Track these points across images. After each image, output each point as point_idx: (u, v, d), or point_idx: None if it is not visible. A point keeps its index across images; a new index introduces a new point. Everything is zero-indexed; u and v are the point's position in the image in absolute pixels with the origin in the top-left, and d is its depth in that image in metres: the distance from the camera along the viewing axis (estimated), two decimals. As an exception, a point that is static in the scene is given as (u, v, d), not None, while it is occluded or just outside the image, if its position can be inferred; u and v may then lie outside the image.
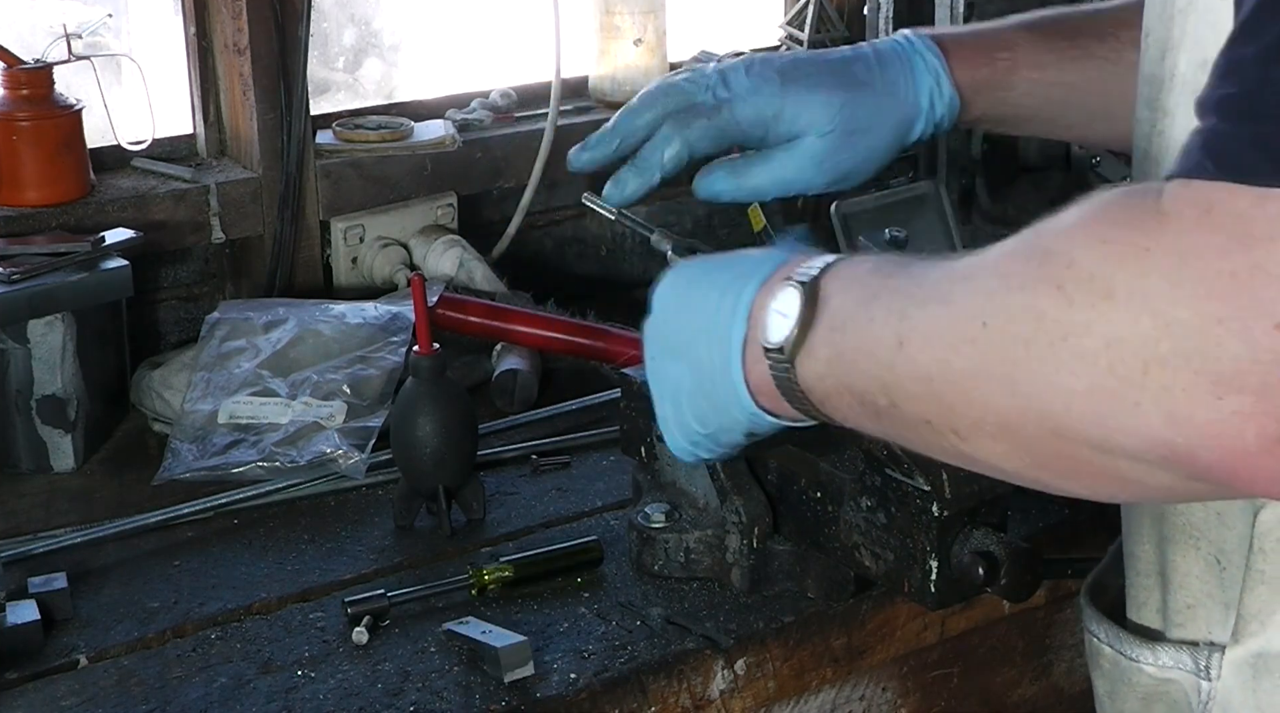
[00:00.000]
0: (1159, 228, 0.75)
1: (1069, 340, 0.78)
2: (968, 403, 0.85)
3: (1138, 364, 0.75)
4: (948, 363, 0.85)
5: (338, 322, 1.71)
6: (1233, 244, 0.72)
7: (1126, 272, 0.75)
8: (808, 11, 2.27)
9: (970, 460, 0.89)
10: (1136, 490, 0.83)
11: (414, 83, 2.24)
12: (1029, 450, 0.84)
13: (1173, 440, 0.75)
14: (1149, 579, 1.02)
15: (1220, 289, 0.72)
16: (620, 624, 1.29)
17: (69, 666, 1.25)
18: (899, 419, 0.91)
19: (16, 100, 1.73)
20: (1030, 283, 0.80)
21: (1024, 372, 0.80)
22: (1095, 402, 0.77)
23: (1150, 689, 1.01)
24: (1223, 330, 0.72)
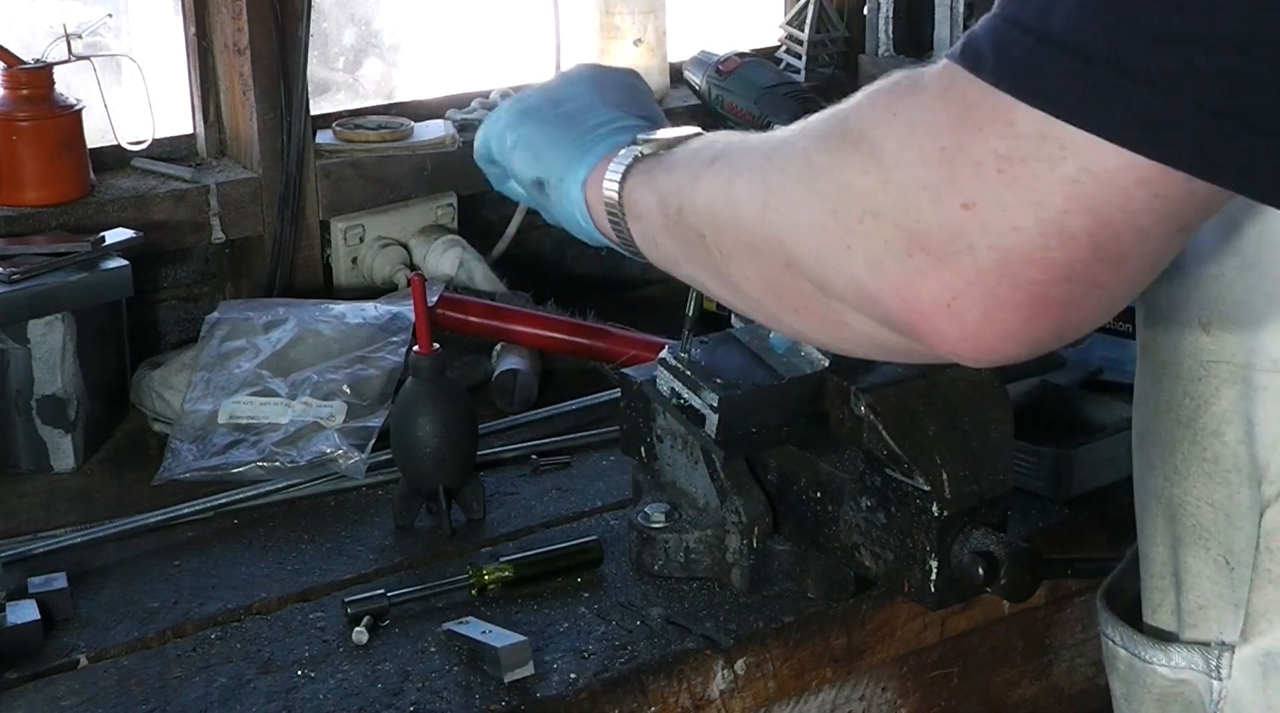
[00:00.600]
0: (910, 96, 0.81)
1: (814, 179, 0.85)
2: (733, 223, 0.93)
3: (856, 210, 0.82)
4: (730, 184, 0.93)
5: (338, 322, 1.71)
6: (951, 123, 0.78)
7: (875, 130, 0.82)
8: (808, 11, 2.27)
9: (729, 283, 0.96)
10: (849, 337, 0.89)
11: (414, 83, 2.24)
12: (769, 278, 0.91)
13: (868, 285, 0.82)
14: (1163, 581, 1.03)
15: (931, 160, 0.78)
16: (620, 624, 1.29)
17: (69, 666, 1.25)
18: (682, 228, 0.99)
19: (16, 100, 1.73)
20: (812, 131, 0.87)
21: (775, 199, 0.88)
22: (817, 238, 0.85)
23: (1165, 691, 1.02)
24: (924, 197, 0.79)
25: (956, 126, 0.78)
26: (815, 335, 0.95)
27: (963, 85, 0.78)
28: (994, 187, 0.76)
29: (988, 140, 0.76)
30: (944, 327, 0.80)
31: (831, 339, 0.94)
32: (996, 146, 0.76)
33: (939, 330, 0.81)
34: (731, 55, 2.14)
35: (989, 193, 0.77)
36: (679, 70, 2.19)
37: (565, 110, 1.18)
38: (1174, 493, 1.00)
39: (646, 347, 1.73)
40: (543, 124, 1.19)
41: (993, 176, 0.76)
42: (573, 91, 1.20)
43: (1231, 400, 0.95)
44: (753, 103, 2.07)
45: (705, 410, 1.28)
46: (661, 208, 1.02)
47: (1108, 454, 1.45)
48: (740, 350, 1.33)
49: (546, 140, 1.18)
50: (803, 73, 2.25)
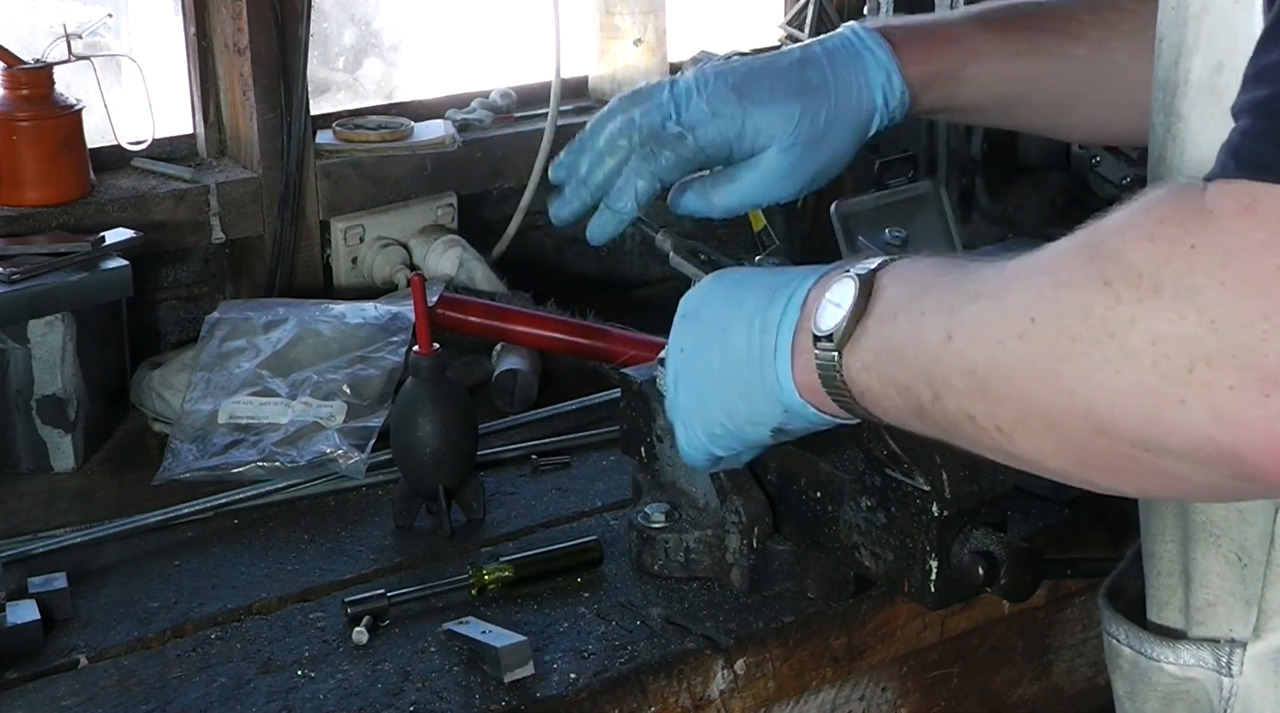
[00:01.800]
0: (1203, 225, 0.75)
1: (1115, 337, 0.78)
2: (1013, 399, 0.85)
3: (1183, 361, 0.75)
4: (994, 357, 0.85)
5: (338, 322, 1.71)
6: (1276, 239, 0.72)
7: (1172, 268, 0.75)
8: (808, 11, 2.27)
9: (1015, 458, 0.89)
10: (1182, 489, 0.83)
11: (414, 83, 2.24)
12: (1074, 448, 0.84)
13: (1218, 439, 0.75)
14: (1171, 578, 1.03)
15: (1265, 285, 0.72)
16: (620, 624, 1.29)
17: (69, 666, 1.25)
18: (942, 415, 0.91)
19: (16, 100, 1.73)
20: (1079, 279, 0.80)
21: (1069, 368, 0.80)
22: (1140, 399, 0.77)
23: (1171, 689, 1.01)
24: (1268, 326, 0.72)
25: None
26: (1139, 494, 0.87)
27: (1268, 198, 0.73)
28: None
29: None
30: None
31: (1162, 495, 0.87)
32: None
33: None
34: (732, 55, 2.14)
35: None
36: (679, 70, 2.19)
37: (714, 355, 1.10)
38: None
39: (646, 347, 1.73)
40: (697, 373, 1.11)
41: None
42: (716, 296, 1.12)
43: None
44: (753, 103, 2.06)
45: (705, 410, 1.28)
46: (907, 399, 0.94)
47: (1108, 454, 1.45)
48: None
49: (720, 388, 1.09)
50: (803, 73, 2.25)
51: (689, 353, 1.14)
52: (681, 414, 1.15)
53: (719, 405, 1.11)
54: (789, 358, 1.03)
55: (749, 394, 1.07)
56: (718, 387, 1.10)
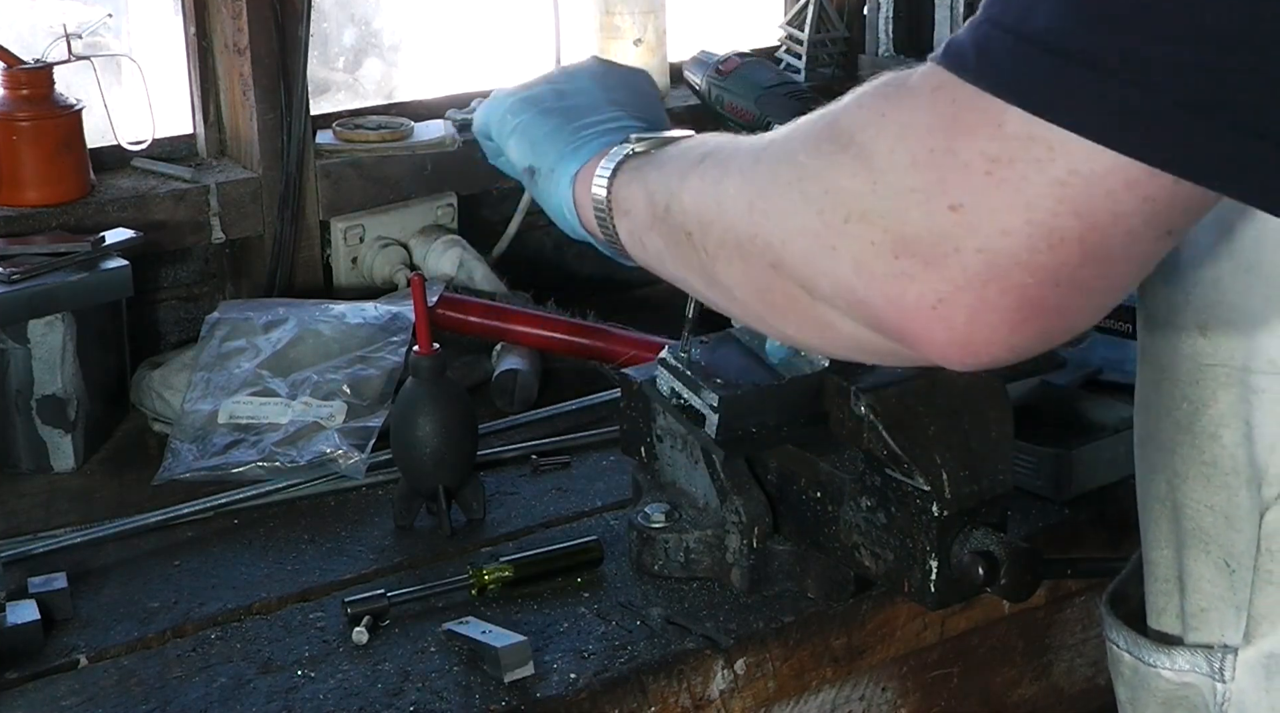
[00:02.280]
0: (898, 98, 0.81)
1: (803, 182, 0.84)
2: (719, 222, 0.92)
3: (843, 212, 0.81)
4: (719, 183, 0.93)
5: (338, 322, 1.71)
6: (939, 125, 0.77)
7: (864, 132, 0.81)
8: (808, 11, 2.27)
9: (714, 282, 0.95)
10: (835, 340, 0.89)
11: (414, 83, 2.24)
12: (754, 279, 0.90)
13: (856, 287, 0.82)
14: (1167, 585, 1.03)
15: (920, 162, 0.78)
16: (620, 624, 1.29)
17: (69, 666, 1.25)
18: (669, 227, 0.99)
19: (16, 100, 1.73)
20: (801, 133, 0.87)
21: (762, 200, 0.88)
22: (804, 240, 0.84)
23: (1170, 694, 1.02)
24: (911, 199, 0.78)
25: (945, 128, 0.77)
26: (801, 338, 0.95)
27: (951, 88, 0.77)
28: (982, 188, 0.76)
29: (977, 142, 0.76)
30: (931, 330, 0.80)
31: (818, 342, 0.94)
32: (985, 148, 0.76)
33: (925, 334, 0.80)
34: (731, 55, 2.14)
35: (977, 195, 0.76)
36: (679, 70, 2.19)
37: (567, 103, 1.19)
38: (1175, 497, 1.00)
39: (646, 347, 1.73)
40: (543, 113, 1.19)
41: (981, 178, 0.76)
42: (577, 85, 1.21)
43: (1229, 403, 0.95)
44: (753, 103, 2.07)
45: (705, 410, 1.28)
46: (649, 205, 1.02)
47: (1108, 454, 1.45)
48: (740, 350, 1.33)
49: (543, 130, 1.18)
50: (803, 73, 2.25)
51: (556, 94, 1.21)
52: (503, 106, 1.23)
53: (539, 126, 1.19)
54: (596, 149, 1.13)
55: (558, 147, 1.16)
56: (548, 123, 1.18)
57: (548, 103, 1.20)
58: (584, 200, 1.12)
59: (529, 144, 1.19)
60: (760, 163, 0.90)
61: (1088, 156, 0.74)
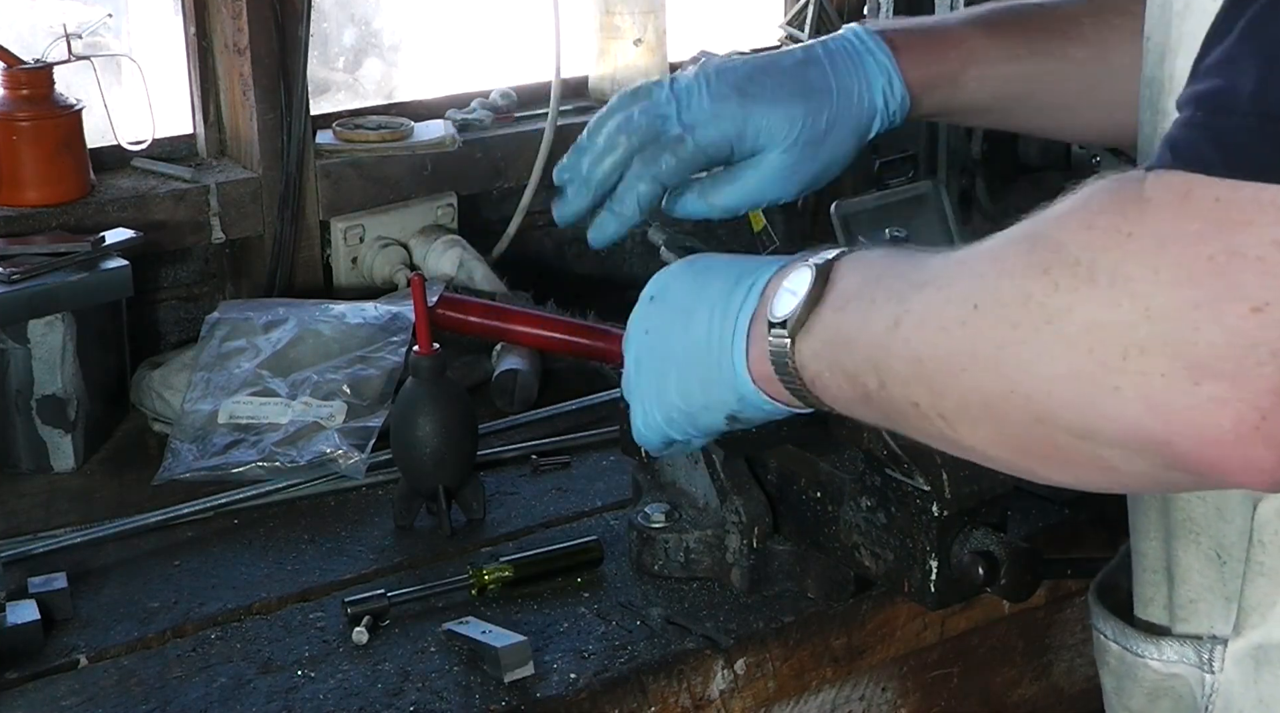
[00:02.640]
0: (1140, 214, 0.76)
1: (1052, 324, 0.78)
2: (954, 386, 0.86)
3: (1117, 349, 0.76)
4: (937, 345, 0.86)
5: (338, 322, 1.71)
6: (1210, 229, 0.73)
7: (1109, 256, 0.76)
8: (808, 11, 2.27)
9: (956, 446, 0.90)
10: (1117, 479, 0.83)
11: (414, 83, 2.24)
12: (1012, 436, 0.84)
13: (1150, 427, 0.76)
14: (1156, 575, 1.03)
15: (1197, 274, 0.73)
16: (620, 624, 1.29)
17: (69, 666, 1.25)
18: (887, 402, 0.92)
19: (16, 100, 1.73)
20: (1020, 267, 0.81)
21: (1009, 355, 0.81)
22: (1075, 386, 0.78)
23: (1156, 684, 1.02)
24: (1199, 315, 0.73)
25: (1218, 231, 0.72)
26: (1076, 483, 0.86)
27: (1205, 187, 0.73)
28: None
29: (1262, 232, 0.71)
30: (1253, 456, 0.74)
31: (1094, 483, 0.86)
32: (1275, 236, 0.71)
33: (1247, 462, 0.74)
34: (731, 55, 2.14)
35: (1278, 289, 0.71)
36: (679, 70, 2.19)
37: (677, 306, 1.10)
38: None
39: (646, 347, 1.73)
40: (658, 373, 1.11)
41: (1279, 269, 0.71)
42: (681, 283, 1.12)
43: None
44: (753, 103, 2.06)
45: (705, 410, 1.28)
46: (854, 386, 0.94)
47: (1108, 454, 1.45)
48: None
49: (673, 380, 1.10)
50: (803, 73, 2.25)
51: (652, 335, 1.13)
52: (640, 396, 1.15)
53: (677, 389, 1.10)
54: (745, 344, 1.03)
55: (706, 379, 1.07)
56: (677, 370, 1.10)
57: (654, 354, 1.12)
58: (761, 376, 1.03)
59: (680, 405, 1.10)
60: (982, 312, 0.83)
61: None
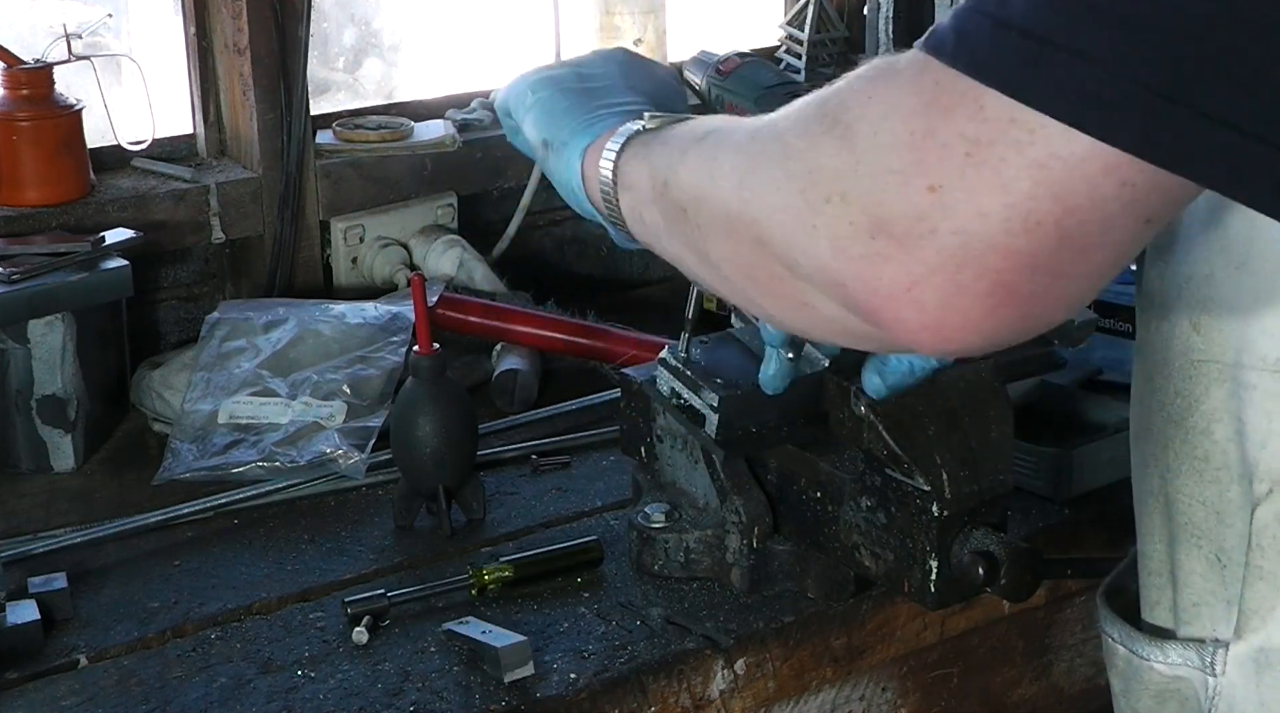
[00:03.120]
0: (886, 80, 0.81)
1: (789, 160, 0.84)
2: (711, 197, 0.93)
3: (824, 192, 0.81)
4: (714, 159, 0.93)
5: (338, 322, 1.71)
6: (921, 106, 0.77)
7: (849, 113, 0.81)
8: (808, 11, 2.27)
9: (706, 259, 0.96)
10: (816, 321, 0.89)
11: (414, 83, 2.24)
12: (742, 257, 0.90)
13: (833, 268, 0.82)
14: (1160, 579, 1.03)
15: (900, 145, 0.78)
16: (620, 624, 1.29)
17: (69, 666, 1.25)
18: (668, 202, 0.99)
19: (16, 100, 1.73)
20: (793, 114, 0.87)
21: (751, 178, 0.88)
22: (785, 218, 0.84)
23: (1162, 687, 1.02)
24: (890, 179, 0.78)
25: (927, 110, 0.77)
26: (785, 318, 0.94)
27: (933, 70, 0.77)
28: (960, 170, 0.76)
29: (956, 123, 0.76)
30: (904, 313, 0.80)
31: (800, 323, 0.94)
32: (965, 130, 0.76)
33: (899, 317, 0.80)
34: (731, 55, 2.14)
35: (955, 176, 0.76)
36: (679, 70, 2.19)
37: (587, 85, 1.20)
38: (1168, 491, 1.00)
39: (646, 347, 1.73)
40: (562, 92, 1.20)
41: (960, 159, 0.76)
42: (601, 70, 1.22)
43: (1221, 399, 0.95)
44: (753, 103, 2.07)
45: (705, 410, 1.28)
46: (650, 180, 1.02)
47: (1108, 454, 1.45)
48: (740, 350, 1.33)
49: (560, 107, 1.19)
50: (803, 73, 2.26)
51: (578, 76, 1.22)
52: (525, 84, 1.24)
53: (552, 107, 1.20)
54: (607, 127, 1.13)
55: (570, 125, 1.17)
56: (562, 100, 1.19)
57: (568, 83, 1.21)
58: (591, 175, 1.12)
59: (545, 119, 1.20)
60: (754, 141, 0.90)
61: (1065, 140, 0.74)
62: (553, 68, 1.25)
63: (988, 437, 1.20)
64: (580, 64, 1.25)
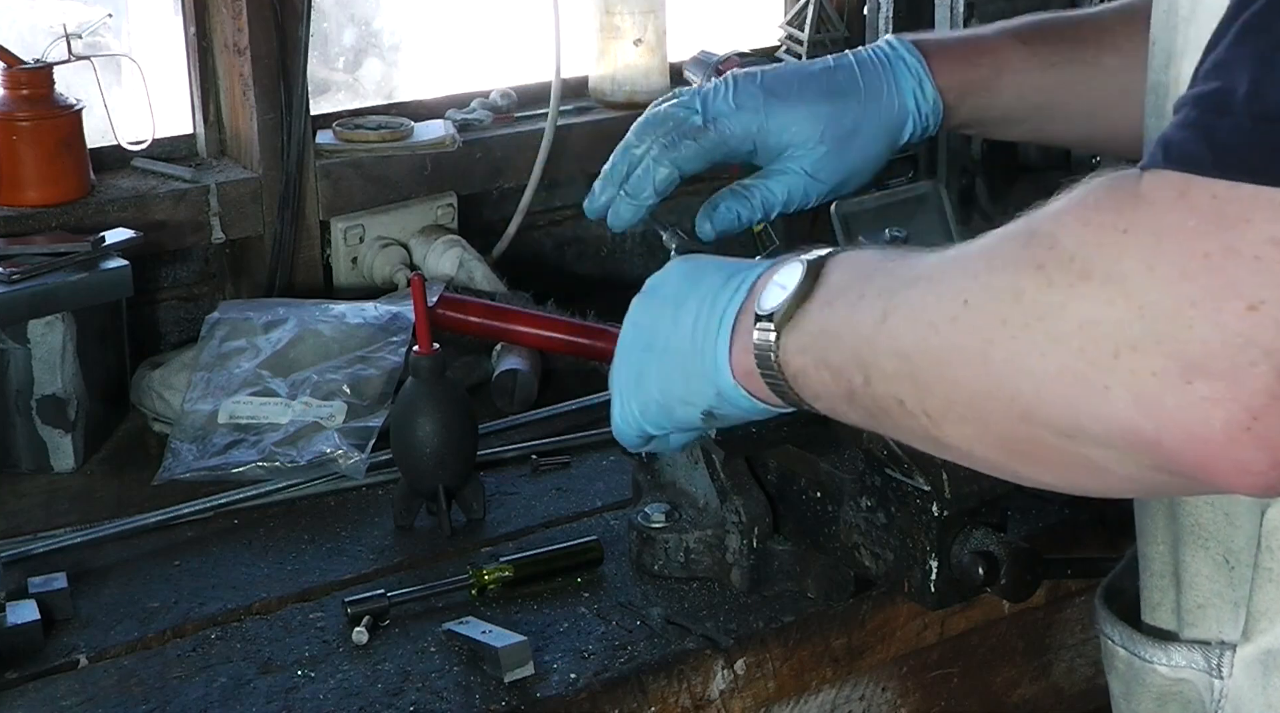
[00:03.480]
0: (1135, 211, 0.75)
1: (1044, 321, 0.77)
2: (941, 382, 0.84)
3: (1109, 347, 0.75)
4: (926, 340, 0.85)
5: (338, 322, 1.71)
6: (1206, 226, 0.72)
7: (1104, 253, 0.75)
8: (808, 11, 2.27)
9: (939, 445, 0.89)
10: (1103, 480, 0.82)
11: (414, 83, 2.24)
12: (999, 435, 0.83)
13: (1140, 426, 0.74)
14: (1163, 580, 1.03)
15: (1193, 271, 0.72)
16: (620, 624, 1.29)
17: (69, 666, 1.25)
18: (871, 399, 0.90)
19: (16, 100, 1.73)
20: (1013, 263, 0.80)
21: (998, 351, 0.80)
22: (1064, 384, 0.77)
23: (1164, 689, 1.02)
24: (1194, 313, 0.72)
25: (1215, 228, 0.71)
26: (1061, 485, 0.85)
27: (1201, 186, 0.72)
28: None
29: (1259, 230, 0.71)
30: (1245, 458, 0.73)
31: (1081, 486, 0.85)
32: (1273, 233, 0.71)
33: (1239, 462, 0.73)
34: (731, 55, 2.14)
35: (1276, 287, 0.70)
36: (679, 70, 2.19)
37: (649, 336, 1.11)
38: None
39: (646, 347, 1.73)
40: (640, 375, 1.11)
41: (1277, 267, 0.70)
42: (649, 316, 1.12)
43: None
44: (753, 103, 2.07)
45: (705, 410, 1.28)
46: (838, 381, 0.93)
47: (1108, 454, 1.45)
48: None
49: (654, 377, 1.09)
50: (803, 73, 2.25)
51: (638, 328, 1.13)
52: (620, 386, 1.15)
53: (656, 381, 1.10)
54: (729, 338, 1.02)
55: (686, 371, 1.06)
56: (659, 362, 1.09)
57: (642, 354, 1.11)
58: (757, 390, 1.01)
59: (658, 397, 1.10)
60: (977, 309, 0.81)
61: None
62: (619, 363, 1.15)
63: (988, 437, 1.20)
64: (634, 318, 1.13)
